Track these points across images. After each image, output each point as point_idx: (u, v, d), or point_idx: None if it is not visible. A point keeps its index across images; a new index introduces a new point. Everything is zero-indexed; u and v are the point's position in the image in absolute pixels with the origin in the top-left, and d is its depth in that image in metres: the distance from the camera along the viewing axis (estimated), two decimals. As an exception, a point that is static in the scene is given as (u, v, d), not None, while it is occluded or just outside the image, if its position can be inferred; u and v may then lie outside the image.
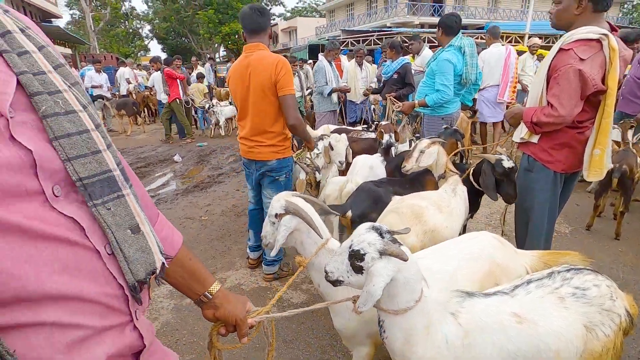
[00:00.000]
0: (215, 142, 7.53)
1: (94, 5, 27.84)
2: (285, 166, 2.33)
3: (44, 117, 0.43)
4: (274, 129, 2.20)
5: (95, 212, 0.45)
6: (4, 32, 0.43)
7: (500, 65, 4.94)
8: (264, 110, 2.16)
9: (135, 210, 0.50)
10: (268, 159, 2.28)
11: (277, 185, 2.35)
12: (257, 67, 2.08)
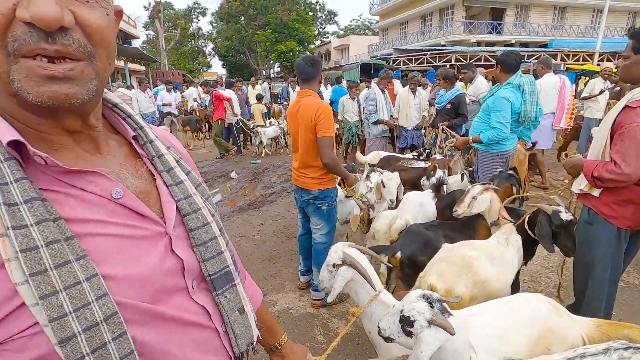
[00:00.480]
0: (267, 160, 7.92)
1: (166, 27, 30.71)
2: (327, 196, 2.59)
3: (190, 230, 0.58)
4: (316, 164, 2.50)
5: (217, 300, 0.59)
6: (169, 168, 0.59)
7: (555, 93, 4.90)
8: (308, 148, 2.48)
9: (242, 295, 0.63)
10: (312, 188, 2.56)
11: (320, 213, 2.62)
12: (304, 111, 2.41)
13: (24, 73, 0.39)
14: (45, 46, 0.38)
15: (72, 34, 0.40)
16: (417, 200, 2.71)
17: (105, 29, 0.44)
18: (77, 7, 0.40)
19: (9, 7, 0.37)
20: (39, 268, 0.40)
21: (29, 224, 0.41)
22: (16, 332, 0.40)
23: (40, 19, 0.37)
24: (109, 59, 0.46)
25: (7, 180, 0.41)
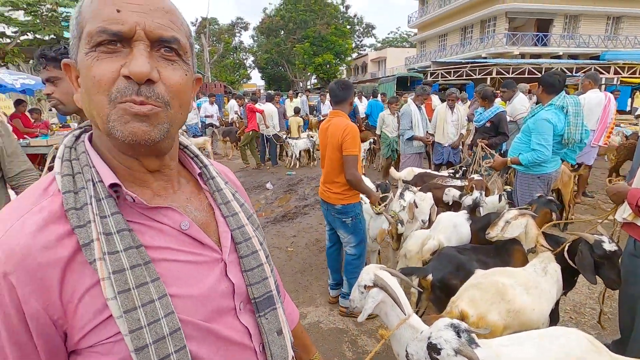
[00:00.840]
0: (302, 172, 8.09)
1: (211, 41, 32.39)
2: (350, 211, 2.70)
3: (241, 257, 0.66)
4: (339, 180, 2.65)
5: (259, 321, 0.66)
6: (226, 201, 0.69)
7: (599, 111, 4.71)
8: (333, 164, 2.65)
9: (281, 318, 0.70)
10: (335, 203, 2.71)
11: (345, 227, 2.75)
12: (333, 130, 2.60)
13: (118, 114, 0.50)
14: (135, 97, 0.49)
15: (155, 88, 0.50)
16: (451, 221, 2.68)
17: (181, 86, 0.54)
18: (163, 68, 0.52)
19: (117, 68, 0.49)
20: (125, 287, 0.50)
21: (120, 250, 0.51)
22: (104, 338, 0.50)
23: (135, 73, 0.48)
24: (181, 108, 0.56)
25: (106, 213, 0.52)
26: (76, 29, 0.51)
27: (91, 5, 0.49)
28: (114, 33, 0.47)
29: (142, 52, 0.49)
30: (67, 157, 0.55)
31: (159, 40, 0.50)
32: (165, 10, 0.52)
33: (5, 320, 0.46)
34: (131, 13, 0.48)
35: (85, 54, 0.49)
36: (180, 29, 0.54)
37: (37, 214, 0.49)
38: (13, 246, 0.46)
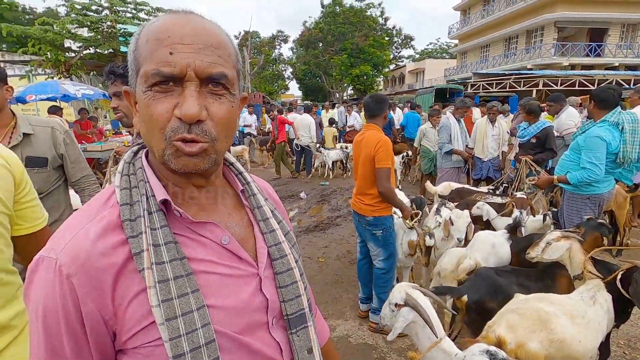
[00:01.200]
0: (336, 182, 8.11)
1: (252, 53, 33.69)
2: (381, 223, 2.70)
3: (276, 273, 0.68)
4: (371, 192, 2.66)
5: (290, 337, 0.67)
6: (265, 218, 0.71)
7: None
8: (365, 176, 2.67)
9: (312, 336, 0.71)
10: (367, 214, 2.72)
11: (375, 239, 2.74)
12: (366, 142, 2.63)
13: (172, 151, 0.55)
14: (185, 136, 0.54)
15: (204, 126, 0.55)
16: (489, 241, 2.57)
17: (228, 119, 0.58)
18: (210, 104, 0.56)
19: (171, 108, 0.54)
20: (168, 297, 0.53)
21: (166, 261, 0.55)
22: (147, 341, 0.54)
23: (186, 116, 0.52)
24: (227, 138, 0.61)
25: (156, 226, 0.56)
26: (134, 63, 0.56)
27: (147, 45, 0.54)
28: (166, 75, 0.52)
29: (192, 92, 0.53)
30: (126, 172, 0.61)
31: (208, 78, 0.54)
32: (215, 47, 0.55)
33: (66, 317, 0.51)
34: (182, 54, 0.52)
35: (143, 92, 0.54)
36: (228, 61, 0.57)
37: (98, 223, 0.55)
38: (77, 251, 0.51)
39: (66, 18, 10.24)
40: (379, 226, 2.71)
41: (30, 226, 0.94)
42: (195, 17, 0.56)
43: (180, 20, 0.54)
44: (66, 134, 1.85)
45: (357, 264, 3.08)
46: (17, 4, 32.20)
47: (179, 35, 0.52)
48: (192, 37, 0.53)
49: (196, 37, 0.53)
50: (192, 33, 0.53)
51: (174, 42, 0.52)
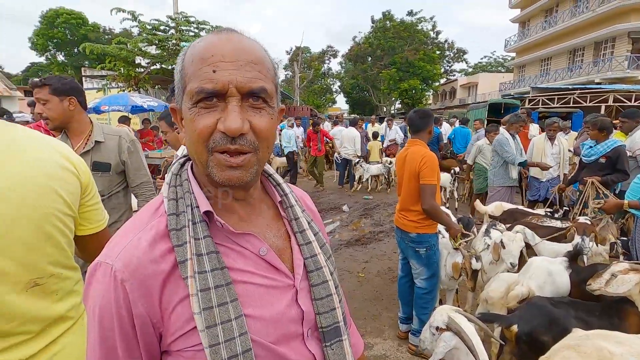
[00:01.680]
0: (379, 197, 7.99)
1: (302, 68, 34.73)
2: (425, 241, 2.63)
3: (312, 285, 0.67)
4: (416, 208, 2.61)
5: (325, 350, 0.67)
6: (302, 230, 0.72)
7: None
8: (410, 192, 2.62)
9: (347, 350, 0.70)
10: (410, 231, 2.66)
11: (418, 257, 2.66)
12: (411, 158, 2.60)
13: (215, 162, 0.58)
14: (228, 146, 0.57)
15: (246, 137, 0.58)
16: (545, 268, 2.37)
17: (268, 130, 0.60)
18: (252, 117, 0.58)
19: (214, 122, 0.57)
20: (209, 305, 0.55)
21: (207, 270, 0.57)
22: (189, 345, 0.57)
23: (229, 130, 0.55)
24: (268, 148, 0.63)
25: (200, 236, 0.59)
26: (180, 81, 0.60)
27: (192, 64, 0.57)
28: (210, 92, 0.55)
29: (235, 107, 0.56)
30: (173, 183, 0.64)
31: (249, 92, 0.57)
32: (255, 63, 0.58)
33: (119, 318, 0.55)
34: (224, 72, 0.55)
35: (189, 108, 0.57)
36: (267, 76, 0.60)
37: (149, 232, 0.58)
38: (130, 259, 0.55)
39: (138, 37, 11.34)
40: (423, 244, 2.63)
41: (92, 227, 1.03)
42: (236, 36, 0.59)
43: (223, 40, 0.58)
44: (131, 142, 2.03)
45: (398, 282, 3.00)
46: (99, 25, 36.36)
47: (221, 54, 0.56)
48: (233, 55, 0.56)
49: (237, 54, 0.56)
50: (233, 51, 0.56)
51: (216, 60, 0.56)
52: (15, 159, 0.81)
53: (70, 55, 34.49)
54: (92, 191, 1.01)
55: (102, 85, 12.25)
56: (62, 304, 0.92)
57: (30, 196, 0.81)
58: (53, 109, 1.81)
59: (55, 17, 33.06)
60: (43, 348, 0.86)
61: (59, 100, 1.82)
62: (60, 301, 0.91)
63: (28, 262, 0.82)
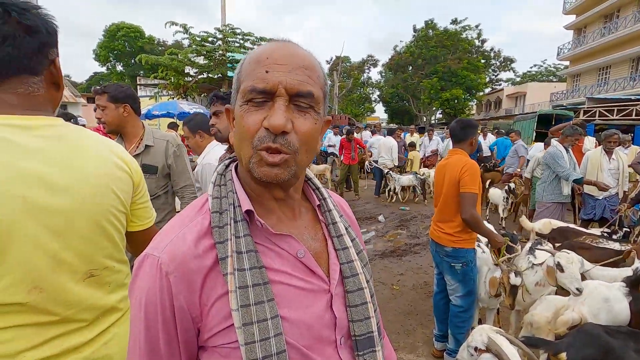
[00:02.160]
0: (417, 208, 7.79)
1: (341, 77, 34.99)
2: (462, 256, 2.50)
3: (347, 292, 0.66)
4: (453, 220, 2.50)
5: (357, 359, 0.66)
6: (339, 234, 0.72)
7: None
8: (448, 202, 2.52)
9: None
10: (445, 244, 2.55)
11: (453, 273, 2.55)
12: (451, 166, 2.52)
13: (256, 159, 0.60)
14: (270, 144, 0.58)
15: (288, 137, 0.59)
16: (601, 293, 2.17)
17: (310, 134, 0.61)
18: (296, 118, 0.60)
19: (261, 119, 0.59)
20: (246, 302, 0.55)
21: (246, 268, 0.57)
22: (226, 342, 0.58)
23: (272, 125, 0.57)
24: (308, 153, 0.64)
25: (240, 234, 0.60)
26: (236, 83, 0.63)
27: (249, 66, 0.61)
28: (260, 90, 0.57)
29: (281, 106, 0.57)
30: (218, 183, 0.66)
31: (297, 94, 0.58)
32: (306, 68, 0.60)
33: (162, 309, 0.58)
34: (276, 73, 0.57)
35: (240, 106, 0.60)
36: (316, 82, 0.62)
37: (193, 228, 0.60)
38: (175, 253, 0.57)
39: (188, 48, 12.07)
40: (459, 259, 2.51)
41: (141, 224, 1.10)
42: (291, 45, 0.63)
43: (279, 46, 0.61)
44: (177, 147, 2.14)
45: (433, 298, 2.89)
46: (154, 38, 39.11)
47: (275, 57, 0.59)
48: (286, 59, 0.59)
49: (290, 59, 0.59)
50: (287, 56, 0.59)
51: (270, 62, 0.58)
52: (80, 157, 0.87)
53: (127, 65, 37.40)
54: (142, 190, 1.08)
55: (154, 93, 13.12)
56: (114, 296, 0.98)
57: (92, 193, 0.88)
58: (109, 115, 1.99)
59: (117, 31, 36.11)
60: (96, 336, 0.92)
61: (115, 107, 1.99)
62: (112, 292, 0.97)
63: (86, 254, 0.89)
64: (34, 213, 0.78)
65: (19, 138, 0.78)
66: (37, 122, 0.82)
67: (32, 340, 0.81)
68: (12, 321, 0.79)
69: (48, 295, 0.82)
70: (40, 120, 0.83)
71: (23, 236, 0.77)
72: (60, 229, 0.82)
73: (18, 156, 0.77)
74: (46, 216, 0.80)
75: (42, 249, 0.80)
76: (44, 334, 0.83)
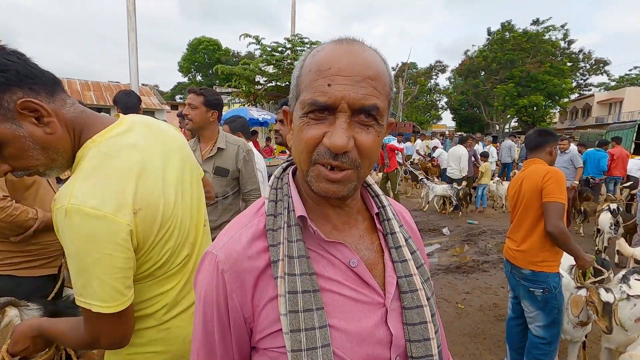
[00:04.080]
0: (486, 222, 7.24)
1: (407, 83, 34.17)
2: (543, 281, 2.19)
3: (404, 308, 0.61)
4: (533, 236, 2.22)
5: None
6: (398, 245, 0.67)
7: None
8: (526, 215, 2.26)
9: None
10: (522, 266, 2.26)
11: (532, 299, 2.25)
12: (529, 176, 2.28)
13: (315, 173, 0.58)
14: (330, 161, 0.56)
15: (349, 154, 0.56)
16: None
17: (373, 148, 0.58)
18: (358, 133, 0.56)
19: (321, 134, 0.56)
20: (295, 308, 0.54)
21: (297, 273, 0.56)
22: (274, 346, 0.57)
23: (334, 146, 0.54)
24: (370, 166, 0.61)
25: (293, 239, 0.58)
26: (295, 88, 0.60)
27: (309, 75, 0.57)
28: (321, 105, 0.54)
29: (342, 124, 0.54)
30: (275, 186, 0.66)
31: (360, 109, 0.55)
32: (371, 78, 0.55)
33: (217, 305, 0.58)
34: (339, 86, 0.54)
35: (299, 117, 0.58)
36: (382, 92, 0.57)
37: (249, 229, 0.61)
38: (231, 252, 0.58)
39: (259, 59, 12.77)
40: (539, 284, 2.20)
41: None
42: (356, 48, 0.57)
43: (342, 51, 0.56)
44: (247, 152, 2.27)
45: (507, 323, 2.61)
46: (229, 50, 42.22)
47: (338, 67, 0.54)
48: (350, 69, 0.54)
49: (354, 69, 0.55)
50: (351, 65, 0.55)
51: (332, 73, 0.54)
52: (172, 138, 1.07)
53: (206, 75, 40.86)
54: None
55: (227, 100, 14.11)
56: None
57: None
58: (199, 115, 2.18)
59: (198, 45, 39.72)
60: None
61: (206, 110, 2.18)
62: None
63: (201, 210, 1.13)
64: (179, 191, 1.00)
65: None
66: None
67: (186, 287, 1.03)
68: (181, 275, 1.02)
69: (193, 246, 1.05)
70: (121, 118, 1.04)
71: (176, 211, 0.97)
72: (194, 205, 1.07)
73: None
74: (183, 193, 1.02)
75: (187, 224, 1.02)
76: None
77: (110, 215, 0.78)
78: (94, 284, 0.79)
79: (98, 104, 16.75)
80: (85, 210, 0.76)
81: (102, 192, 0.80)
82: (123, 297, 0.83)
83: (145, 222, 0.85)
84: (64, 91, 0.88)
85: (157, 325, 0.97)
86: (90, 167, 0.83)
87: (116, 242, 0.79)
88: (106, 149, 0.86)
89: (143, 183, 0.87)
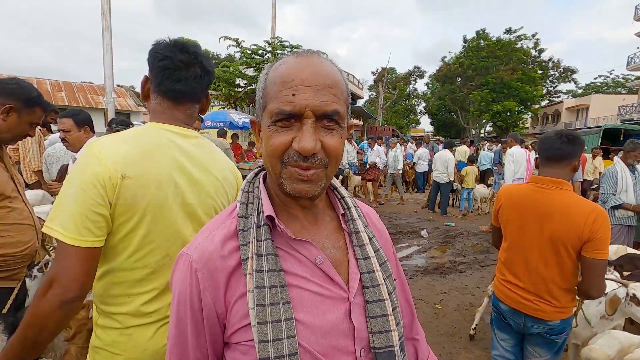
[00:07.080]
0: (463, 224, 7.44)
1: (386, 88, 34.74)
2: (568, 325, 1.82)
3: (367, 302, 0.65)
4: (566, 286, 1.73)
5: None
6: (362, 244, 0.70)
7: None
8: (555, 266, 1.72)
9: None
10: (551, 319, 1.76)
11: (551, 347, 1.84)
12: (560, 214, 1.66)
13: (287, 175, 0.62)
14: (300, 163, 0.61)
15: (318, 155, 0.60)
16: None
17: (337, 149, 0.62)
18: (323, 136, 0.60)
19: (289, 140, 0.61)
20: (262, 302, 0.58)
21: (264, 270, 0.60)
22: (245, 339, 0.59)
23: (303, 149, 0.58)
24: (336, 164, 0.66)
25: (262, 238, 0.62)
26: (262, 99, 0.65)
27: (274, 86, 0.61)
28: (287, 113, 0.59)
29: (309, 129, 0.59)
30: (246, 190, 0.70)
31: (323, 115, 0.60)
32: (330, 86, 0.61)
33: (191, 304, 0.61)
34: (303, 95, 0.59)
35: (267, 126, 0.62)
36: (340, 99, 0.63)
37: (222, 230, 0.65)
38: (204, 252, 0.62)
39: (238, 61, 12.69)
40: (565, 330, 1.80)
41: None
42: (315, 60, 0.63)
43: (303, 64, 0.61)
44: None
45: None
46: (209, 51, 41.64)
47: (301, 78, 0.59)
48: (311, 79, 0.60)
49: (315, 79, 0.60)
50: (312, 75, 0.60)
51: (296, 84, 0.59)
52: (210, 162, 1.13)
53: (184, 77, 40.01)
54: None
55: (207, 103, 13.89)
56: None
57: (213, 189, 1.12)
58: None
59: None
60: None
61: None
62: None
63: None
64: (178, 197, 1.02)
65: (179, 141, 1.06)
66: (190, 133, 1.11)
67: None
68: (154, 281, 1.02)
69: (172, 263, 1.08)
70: (191, 132, 1.12)
71: (168, 211, 1.00)
72: (189, 215, 1.05)
73: (177, 153, 1.04)
74: (183, 202, 1.03)
75: (175, 227, 1.02)
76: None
77: (103, 159, 0.91)
78: (64, 213, 0.88)
79: (70, 105, 16.13)
80: (95, 151, 0.92)
81: (117, 149, 0.95)
82: (86, 236, 0.89)
83: (128, 190, 0.93)
84: None
85: (120, 328, 1.00)
86: (129, 135, 1.01)
87: (93, 184, 0.89)
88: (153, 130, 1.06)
89: (148, 161, 0.98)
